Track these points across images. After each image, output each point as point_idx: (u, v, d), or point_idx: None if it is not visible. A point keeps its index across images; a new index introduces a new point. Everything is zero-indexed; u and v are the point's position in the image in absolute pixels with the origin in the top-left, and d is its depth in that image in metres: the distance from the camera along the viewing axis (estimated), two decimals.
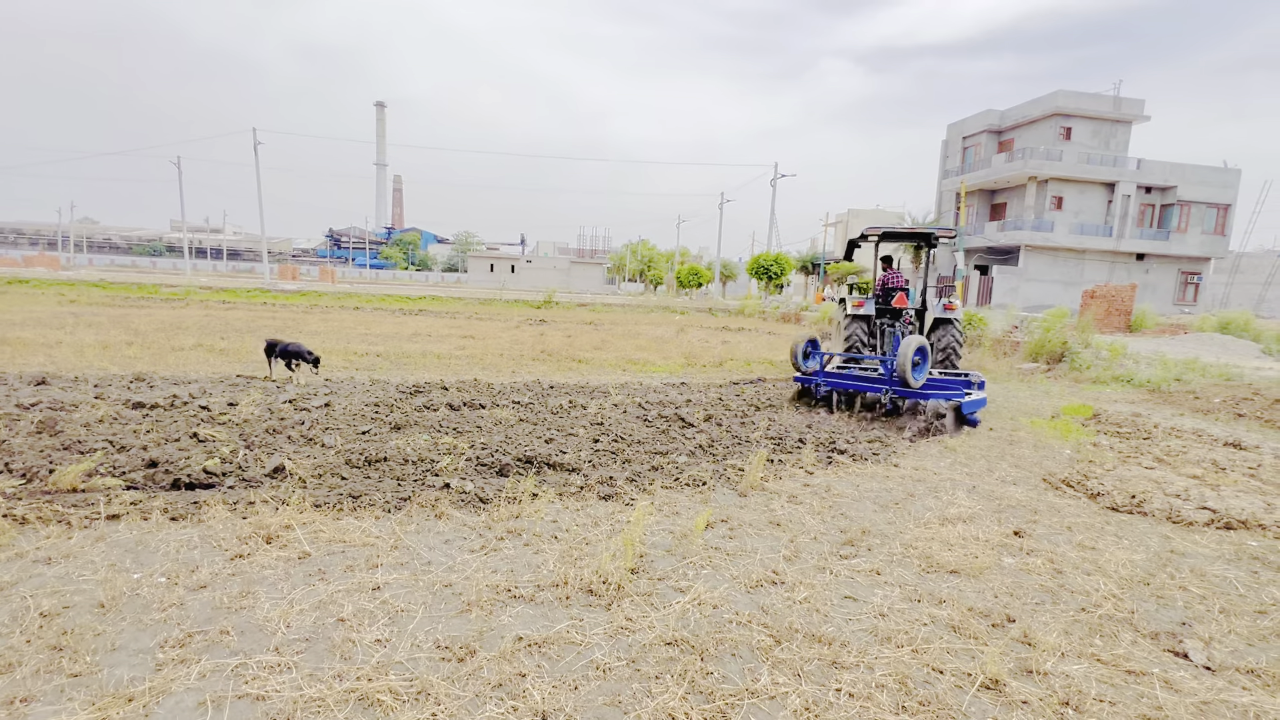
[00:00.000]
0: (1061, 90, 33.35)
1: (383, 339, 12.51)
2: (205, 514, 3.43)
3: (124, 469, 4.00)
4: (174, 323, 13.55)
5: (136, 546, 3.07)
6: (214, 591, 2.69)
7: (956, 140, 39.16)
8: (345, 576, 2.87)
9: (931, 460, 5.46)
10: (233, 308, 19.49)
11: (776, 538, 3.59)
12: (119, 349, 9.22)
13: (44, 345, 9.19)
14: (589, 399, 7.13)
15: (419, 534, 3.39)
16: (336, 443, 4.83)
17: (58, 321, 12.56)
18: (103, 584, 2.68)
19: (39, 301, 17.75)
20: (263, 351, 7.12)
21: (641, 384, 8.60)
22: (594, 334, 16.00)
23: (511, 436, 5.31)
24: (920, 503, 4.31)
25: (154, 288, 25.84)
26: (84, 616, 2.44)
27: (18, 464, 3.96)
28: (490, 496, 3.90)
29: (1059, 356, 12.43)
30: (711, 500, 4.17)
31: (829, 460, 5.22)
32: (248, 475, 4.05)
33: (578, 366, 10.23)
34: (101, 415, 5.23)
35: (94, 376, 7.06)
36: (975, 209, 37.63)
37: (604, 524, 3.64)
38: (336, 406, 6.01)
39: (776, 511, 4.00)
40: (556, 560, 3.12)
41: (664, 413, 6.51)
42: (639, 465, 4.78)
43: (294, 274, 49.57)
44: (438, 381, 7.77)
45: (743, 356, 12.47)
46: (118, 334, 10.94)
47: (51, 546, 3.01)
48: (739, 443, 5.63)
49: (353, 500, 3.74)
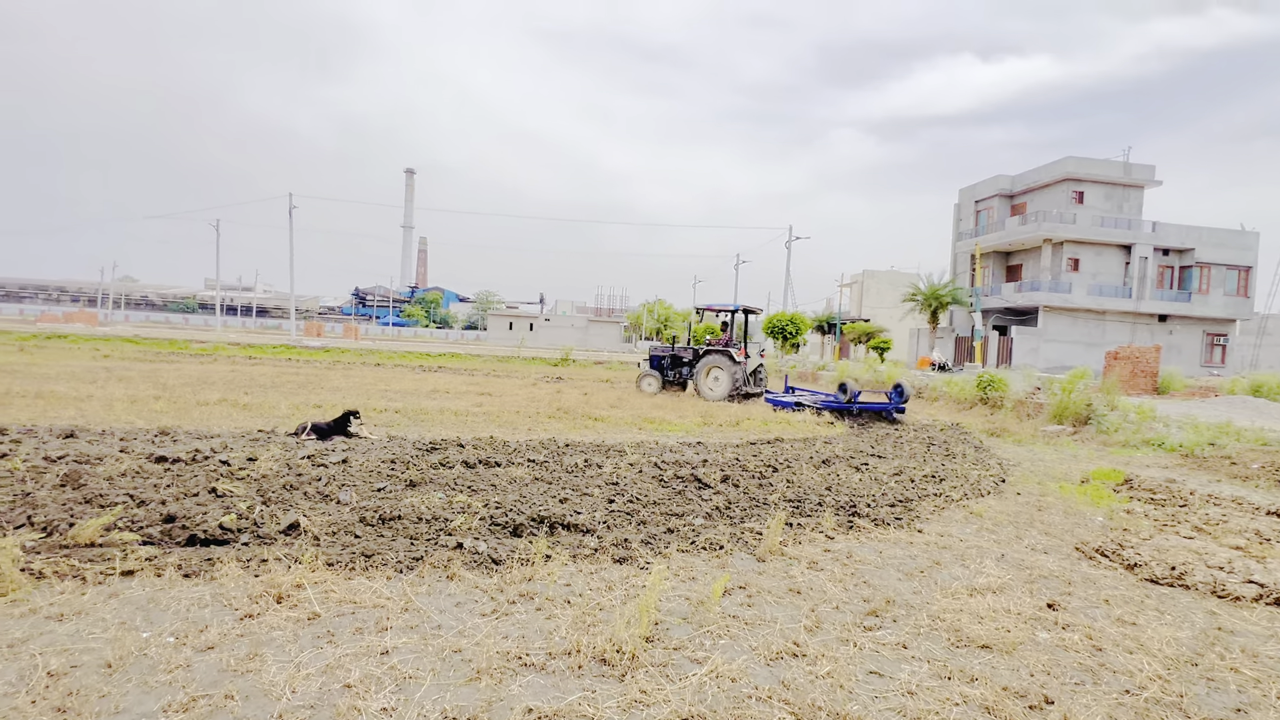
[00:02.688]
0: (1071, 156, 34.03)
1: (402, 395, 12.66)
2: (218, 571, 3.41)
3: (142, 523, 4.02)
4: (201, 378, 13.88)
5: (148, 604, 3.05)
6: (221, 653, 2.64)
7: (969, 204, 39.83)
8: (354, 639, 2.81)
9: (957, 526, 5.28)
10: (258, 363, 19.94)
11: (797, 606, 3.46)
12: (147, 403, 9.44)
13: (76, 399, 9.43)
14: (604, 458, 7.08)
15: (430, 596, 3.33)
16: (352, 499, 4.83)
17: (90, 376, 12.93)
18: (112, 643, 2.65)
19: (75, 356, 18.34)
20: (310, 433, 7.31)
21: (657, 443, 8.54)
22: (610, 392, 16.04)
23: (526, 495, 5.26)
24: (947, 571, 4.15)
25: (185, 343, 26.61)
26: (91, 677, 2.41)
27: (40, 517, 4.00)
28: (503, 558, 3.84)
29: (1084, 419, 12.15)
30: (729, 565, 4.05)
31: (850, 525, 5.08)
32: (263, 532, 4.04)
33: (594, 424, 10.21)
34: (124, 469, 5.31)
35: (121, 430, 7.20)
36: (991, 270, 37.82)
37: (618, 588, 3.54)
38: (354, 463, 6.03)
39: (796, 578, 3.87)
40: (569, 626, 3.03)
41: (680, 473, 6.43)
42: (654, 527, 4.69)
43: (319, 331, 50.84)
44: (454, 439, 7.80)
45: (760, 416, 12.37)
46: (147, 388, 11.21)
47: (65, 602, 3.00)
48: (756, 505, 5.51)
49: (365, 559, 3.70)
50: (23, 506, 4.23)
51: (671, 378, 16.69)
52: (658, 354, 16.97)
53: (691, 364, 16.46)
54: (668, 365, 16.78)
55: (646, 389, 16.33)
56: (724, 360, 15.47)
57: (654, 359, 16.98)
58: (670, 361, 16.78)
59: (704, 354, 15.98)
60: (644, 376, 16.54)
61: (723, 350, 15.70)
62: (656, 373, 16.53)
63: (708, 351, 15.97)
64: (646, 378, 16.49)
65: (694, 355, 16.45)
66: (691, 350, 16.61)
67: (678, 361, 16.72)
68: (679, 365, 16.68)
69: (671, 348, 16.85)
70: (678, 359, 16.72)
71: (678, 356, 16.71)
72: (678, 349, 16.80)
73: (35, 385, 10.67)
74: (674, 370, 16.73)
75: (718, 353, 15.72)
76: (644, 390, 16.27)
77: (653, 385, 16.36)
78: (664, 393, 16.16)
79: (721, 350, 15.72)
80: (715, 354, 15.73)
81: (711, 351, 15.86)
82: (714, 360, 15.58)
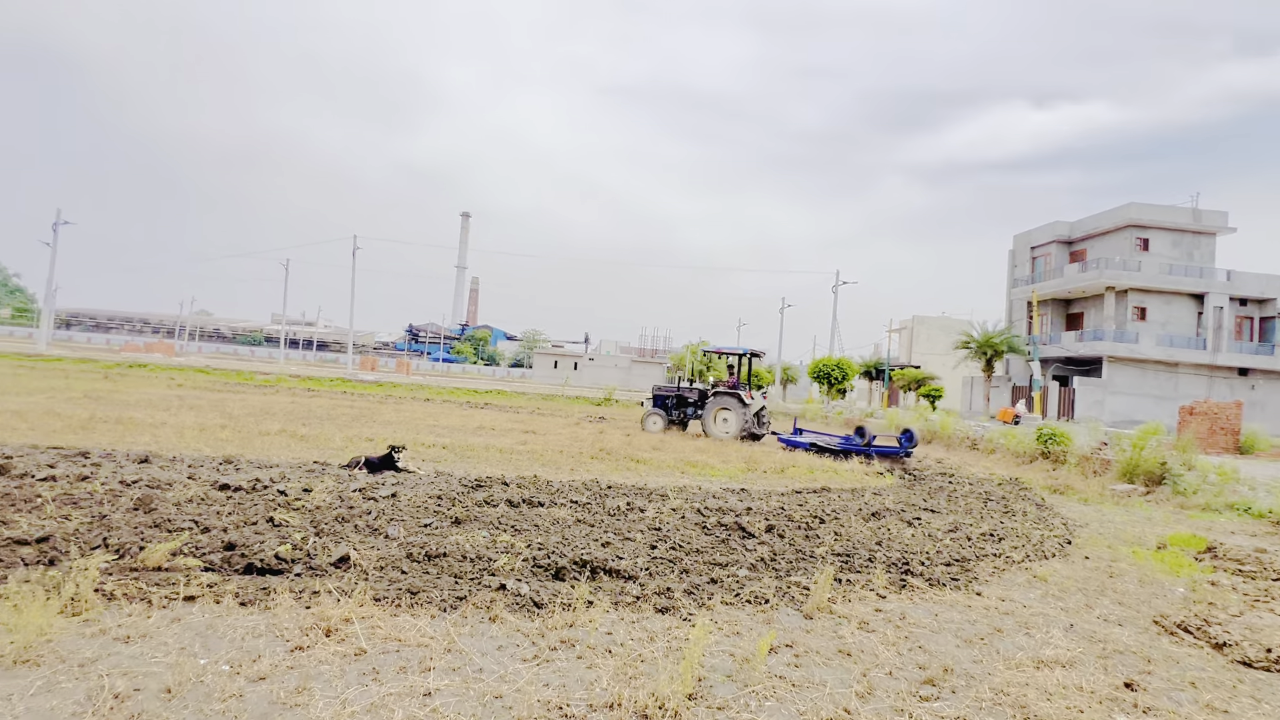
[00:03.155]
0: (1134, 203, 32.89)
1: (449, 431, 12.94)
2: (272, 601, 3.51)
3: (205, 550, 4.20)
4: (263, 408, 14.55)
5: (207, 631, 3.16)
6: (272, 684, 2.70)
7: (1024, 250, 38.79)
8: (398, 679, 2.83)
9: (1019, 591, 4.97)
10: (316, 395, 20.79)
11: (847, 670, 3.30)
12: (214, 431, 9.94)
13: (151, 425, 10.02)
14: (647, 501, 7.02)
15: (473, 637, 3.33)
16: (400, 534, 4.92)
17: (165, 403, 13.74)
18: (172, 668, 2.75)
19: (152, 384, 19.55)
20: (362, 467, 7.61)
21: (700, 488, 8.42)
22: (653, 435, 15.98)
23: (568, 538, 5.25)
24: (1010, 640, 3.90)
25: (250, 375, 28.04)
26: (152, 702, 2.49)
27: (114, 539, 4.23)
28: (545, 601, 3.82)
29: (1158, 478, 11.37)
30: (774, 621, 3.92)
31: (902, 584, 4.85)
32: (315, 563, 4.15)
33: (636, 467, 10.17)
34: (191, 495, 5.58)
35: (189, 457, 7.59)
36: (1049, 318, 36.44)
37: (660, 639, 3.47)
38: (402, 497, 6.17)
39: (846, 639, 3.70)
40: (610, 678, 2.97)
41: (723, 520, 6.31)
42: (697, 577, 4.60)
43: (373, 365, 52.81)
44: (498, 476, 7.89)
45: (805, 463, 12.07)
46: (214, 417, 11.82)
47: (132, 625, 3.14)
48: (803, 558, 5.34)
49: (411, 596, 3.75)
50: (99, 528, 4.48)
51: (675, 417, 16.71)
52: (662, 393, 17.01)
53: (697, 404, 16.52)
54: (672, 405, 16.82)
55: (651, 428, 16.30)
56: (733, 402, 15.62)
57: (658, 398, 16.99)
58: (675, 401, 16.82)
59: (713, 395, 16.01)
60: (649, 415, 16.59)
61: (732, 392, 15.86)
62: (661, 411, 16.61)
63: (717, 393, 16.00)
64: (651, 416, 16.53)
65: (699, 395, 16.52)
66: (697, 390, 16.68)
67: (682, 401, 16.77)
68: (684, 405, 16.75)
69: (677, 388, 16.96)
70: (683, 399, 16.76)
71: (683, 396, 16.77)
72: (683, 389, 16.88)
73: (116, 411, 11.40)
74: (678, 410, 16.77)
75: (727, 394, 15.84)
76: (649, 430, 16.19)
77: (658, 424, 16.37)
78: (666, 432, 16.08)
79: (731, 392, 15.87)
80: (725, 395, 15.83)
81: (721, 393, 15.94)
82: (723, 401, 15.73)
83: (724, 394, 15.88)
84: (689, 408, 16.66)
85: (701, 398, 16.44)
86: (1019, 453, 15.19)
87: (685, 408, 16.72)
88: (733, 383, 16.73)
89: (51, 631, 2.94)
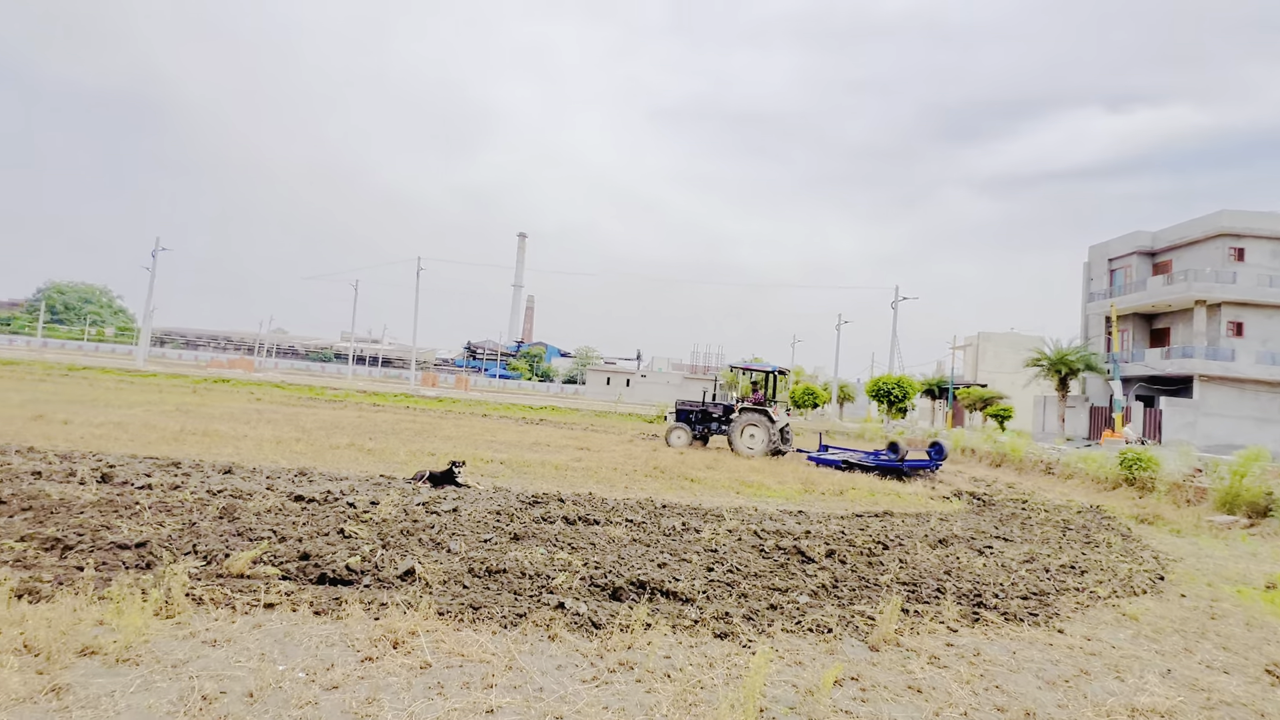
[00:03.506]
0: (1226, 210, 30.58)
1: (506, 446, 13.21)
2: (344, 611, 3.65)
3: (282, 559, 4.42)
4: (333, 422, 15.27)
5: (284, 638, 3.31)
6: (344, 694, 2.80)
7: (1101, 262, 36.62)
8: (462, 694, 2.88)
9: (1107, 630, 4.62)
10: (381, 410, 21.67)
11: (918, 708, 3.14)
12: (289, 444, 10.49)
13: (233, 438, 10.67)
14: (702, 522, 6.94)
15: (532, 655, 3.36)
16: (461, 549, 5.04)
17: (245, 417, 14.63)
18: (254, 673, 2.89)
19: (234, 399, 20.86)
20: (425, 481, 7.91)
21: (756, 509, 8.26)
22: (706, 453, 15.83)
23: (624, 557, 5.25)
24: (1099, 684, 3.62)
25: (321, 390, 29.53)
26: (236, 705, 2.63)
27: (202, 546, 4.51)
28: (603, 622, 3.82)
29: (1263, 509, 10.38)
30: (838, 652, 3.78)
31: (975, 617, 4.60)
32: (382, 575, 4.30)
33: (690, 486, 10.08)
34: (269, 505, 5.89)
35: (267, 468, 8.03)
36: (1131, 334, 34.15)
37: (719, 666, 3.40)
38: (463, 512, 6.32)
39: (915, 674, 3.53)
40: (670, 703, 2.93)
41: (781, 544, 6.16)
42: (756, 602, 4.50)
43: (434, 381, 54.65)
44: (555, 493, 7.98)
45: (866, 485, 11.67)
46: (289, 430, 12.49)
47: (218, 629, 3.33)
48: (866, 585, 5.14)
49: (473, 611, 3.82)
50: (189, 535, 4.79)
51: (698, 433, 16.80)
52: (685, 409, 17.15)
53: (721, 420, 16.65)
54: (695, 420, 16.94)
55: (676, 442, 16.39)
56: (762, 419, 15.72)
57: (680, 413, 17.10)
58: (699, 416, 16.93)
59: (741, 411, 16.06)
60: (673, 430, 16.65)
61: (760, 409, 15.94)
62: (685, 425, 16.73)
63: (744, 410, 16.08)
64: (676, 431, 16.61)
65: (724, 411, 16.67)
66: (721, 407, 16.80)
67: (707, 416, 16.87)
68: (708, 420, 16.85)
69: (702, 404, 17.07)
70: (706, 414, 16.86)
71: (707, 412, 16.85)
72: (708, 405, 16.95)
73: (203, 424, 12.21)
74: (702, 425, 16.86)
75: (756, 411, 15.92)
76: (673, 444, 16.29)
77: (682, 439, 16.46)
78: (690, 448, 16.20)
79: (759, 409, 15.96)
80: (753, 412, 15.91)
81: (749, 410, 16.03)
82: (751, 418, 15.80)
83: (752, 410, 15.97)
84: (712, 423, 16.81)
85: (725, 413, 16.61)
86: (1100, 478, 14.21)
87: (709, 423, 16.85)
88: (758, 399, 16.80)
89: (148, 632, 3.16)
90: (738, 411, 16.17)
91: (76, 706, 2.52)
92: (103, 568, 4.00)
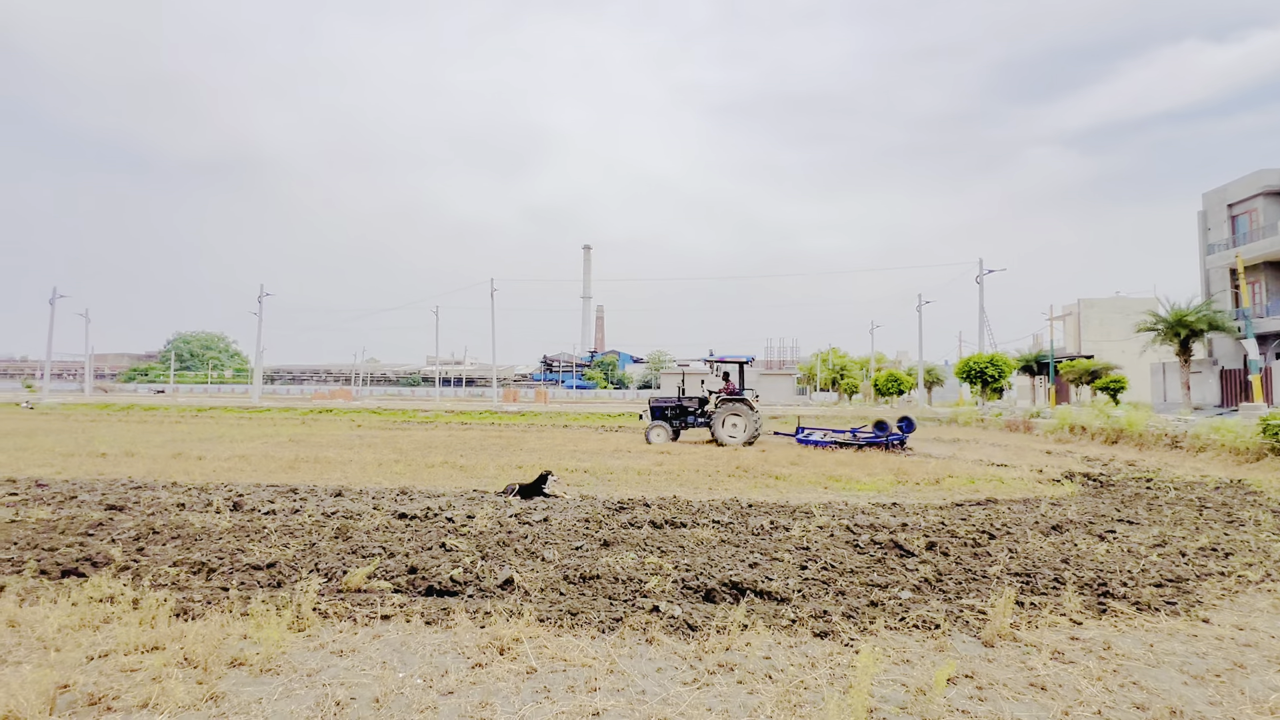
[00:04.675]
0: None
1: (588, 455, 13.48)
2: (452, 620, 3.85)
3: (393, 573, 4.72)
4: (426, 443, 16.13)
5: (401, 647, 3.54)
6: (459, 698, 2.95)
7: (1219, 209, 32.94)
8: (568, 697, 2.97)
9: (1262, 618, 4.15)
10: (469, 428, 22.67)
11: (1043, 706, 2.94)
12: (389, 466, 11.19)
13: (340, 463, 11.51)
14: (791, 519, 6.81)
15: (631, 659, 3.42)
16: (555, 557, 5.19)
17: (349, 443, 15.73)
18: (378, 680, 3.11)
19: (337, 427, 22.47)
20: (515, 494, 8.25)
21: (846, 504, 8.01)
22: (789, 448, 15.50)
23: (714, 559, 5.23)
24: (1257, 678, 3.25)
25: (413, 413, 31.27)
26: (365, 710, 2.84)
27: (323, 564, 4.89)
28: (699, 624, 3.83)
29: None
30: (948, 648, 3.60)
31: (1102, 607, 4.25)
32: (484, 585, 4.50)
33: (775, 483, 9.91)
34: (377, 524, 6.31)
35: (372, 489, 8.60)
36: (1264, 286, 30.47)
37: (821, 666, 3.33)
38: (553, 521, 6.52)
39: (1038, 670, 3.30)
40: (774, 704, 2.90)
41: (877, 538, 5.94)
42: (854, 599, 4.36)
43: (515, 396, 56.59)
44: (640, 498, 8.07)
45: (964, 473, 11.04)
46: (388, 453, 13.31)
47: (343, 640, 3.60)
48: (973, 578, 4.87)
49: (571, 617, 3.93)
50: (310, 555, 5.21)
51: (676, 427, 17.26)
52: (659, 404, 17.66)
53: (696, 413, 17.32)
54: (671, 416, 17.44)
55: (655, 440, 16.69)
56: (743, 408, 16.40)
57: (656, 410, 17.59)
58: (675, 412, 17.48)
59: (721, 403, 16.69)
60: (652, 428, 17.04)
61: (740, 399, 16.61)
62: (663, 422, 17.18)
63: (724, 400, 16.70)
64: (655, 428, 16.99)
65: (698, 404, 17.37)
66: (696, 400, 17.43)
67: (683, 411, 17.46)
68: (684, 415, 17.45)
69: (677, 399, 17.59)
70: (682, 409, 17.47)
71: (683, 407, 17.47)
72: (683, 400, 17.54)
73: (313, 452, 13.24)
74: (678, 420, 17.40)
75: (736, 401, 16.57)
76: (653, 442, 16.53)
77: (661, 435, 16.86)
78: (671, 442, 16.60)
79: (739, 399, 16.62)
80: (733, 402, 16.57)
81: (728, 400, 16.67)
82: (733, 408, 16.45)
83: (732, 400, 16.61)
84: (688, 417, 17.42)
85: (700, 405, 17.31)
86: (1239, 449, 12.75)
87: (685, 417, 17.44)
88: (732, 389, 17.23)
89: (285, 644, 3.46)
90: (715, 404, 16.80)
91: (232, 712, 2.80)
92: (241, 587, 4.43)
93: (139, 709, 2.79)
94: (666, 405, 17.58)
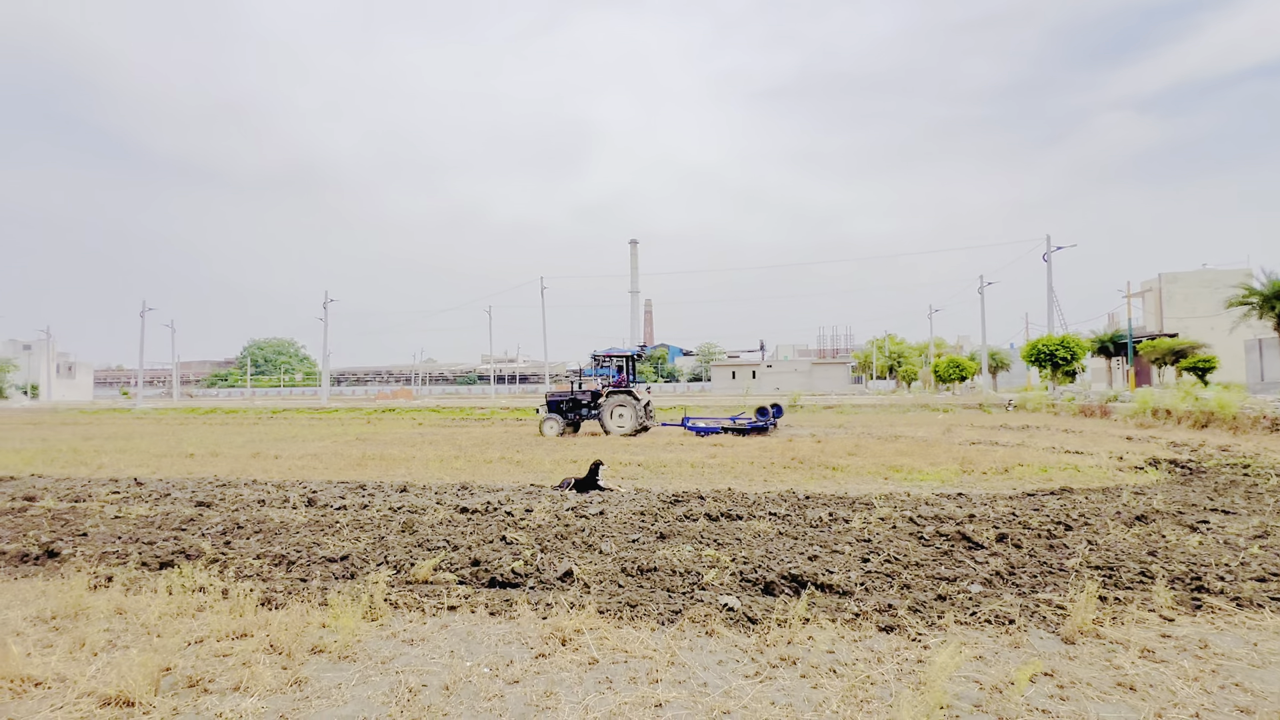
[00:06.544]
0: None
1: (641, 448, 13.54)
2: (515, 612, 3.95)
3: (457, 566, 4.87)
4: (484, 439, 16.58)
5: (468, 636, 3.65)
6: (524, 687, 3.03)
7: None
8: (630, 688, 3.00)
9: None
10: (524, 424, 23.15)
11: (1133, 708, 2.77)
12: (450, 462, 11.55)
13: (404, 460, 11.96)
14: (850, 511, 6.65)
15: (692, 651, 3.41)
16: (612, 550, 5.24)
17: (411, 440, 16.34)
18: (446, 668, 3.22)
19: (400, 425, 23.38)
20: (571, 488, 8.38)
21: (909, 494, 7.75)
22: (846, 438, 15.13)
23: (772, 551, 5.16)
24: None
25: (470, 410, 32.19)
26: (436, 697, 2.94)
27: (392, 557, 5.10)
28: (759, 616, 3.79)
29: None
30: (1024, 645, 3.43)
31: (1196, 603, 3.96)
32: (544, 577, 4.59)
33: (832, 475, 9.69)
34: (441, 518, 6.53)
35: (435, 485, 8.90)
36: None
37: (888, 661, 3.24)
38: (609, 515, 6.58)
39: (1126, 670, 3.11)
40: (840, 700, 2.84)
41: (942, 529, 5.72)
42: (920, 593, 4.22)
43: None
44: (694, 491, 8.05)
45: (1035, 461, 10.51)
46: (448, 449, 13.75)
47: (413, 630, 3.75)
48: (1049, 571, 4.63)
49: (630, 609, 3.96)
50: (380, 548, 5.44)
51: (570, 420, 17.78)
52: (555, 398, 18.24)
53: (589, 406, 17.83)
54: (566, 409, 17.93)
55: (549, 432, 17.20)
56: (628, 399, 17.25)
57: (551, 403, 18.15)
58: (569, 405, 17.99)
59: (609, 395, 17.50)
60: (545, 420, 17.46)
61: (625, 390, 17.70)
62: (557, 415, 17.59)
63: (611, 393, 17.58)
64: (548, 421, 17.39)
65: (591, 397, 17.89)
66: (589, 393, 17.98)
67: (576, 404, 17.97)
68: (578, 408, 17.96)
69: (570, 393, 18.18)
70: (576, 402, 17.96)
71: (576, 399, 17.97)
72: (576, 393, 18.10)
73: (379, 449, 13.82)
74: (572, 412, 17.91)
75: (622, 393, 17.51)
76: (547, 434, 17.09)
77: (555, 428, 17.28)
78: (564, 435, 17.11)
79: (625, 390, 17.70)
80: (619, 394, 17.47)
81: (615, 392, 17.60)
82: (619, 399, 17.28)
83: (618, 393, 17.50)
84: (582, 409, 17.90)
85: (593, 399, 17.83)
86: None
87: (579, 410, 17.93)
88: (620, 381, 18.27)
89: (360, 633, 3.63)
90: (604, 395, 17.54)
91: (315, 696, 2.96)
92: (318, 578, 4.66)
93: (232, 691, 2.99)
94: (561, 399, 18.14)
